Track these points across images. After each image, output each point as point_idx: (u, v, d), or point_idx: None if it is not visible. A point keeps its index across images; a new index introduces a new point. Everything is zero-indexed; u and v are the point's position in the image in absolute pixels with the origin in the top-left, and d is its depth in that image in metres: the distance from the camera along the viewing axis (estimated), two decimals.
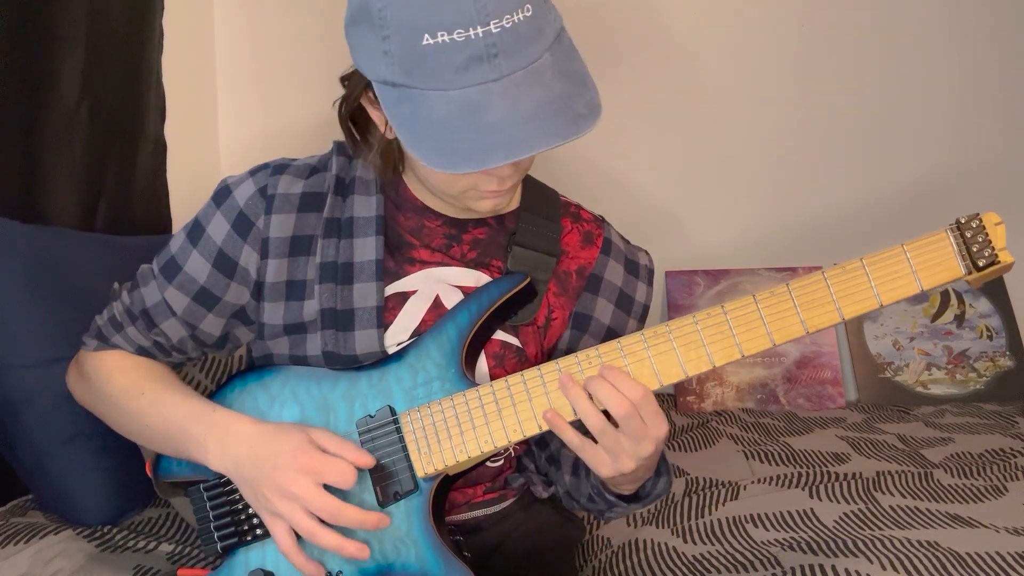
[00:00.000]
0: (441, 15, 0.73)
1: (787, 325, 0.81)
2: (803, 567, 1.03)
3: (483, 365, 0.94)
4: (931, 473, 1.43)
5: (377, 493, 0.86)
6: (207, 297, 0.94)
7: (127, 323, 0.96)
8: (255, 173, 0.94)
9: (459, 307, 0.90)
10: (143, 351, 0.97)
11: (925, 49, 2.04)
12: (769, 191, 2.09)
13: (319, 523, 0.81)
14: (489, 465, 1.00)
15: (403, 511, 0.86)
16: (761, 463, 1.52)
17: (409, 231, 0.96)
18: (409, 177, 0.96)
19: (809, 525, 1.22)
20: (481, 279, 0.96)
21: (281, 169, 0.94)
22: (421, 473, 0.86)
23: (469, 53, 0.74)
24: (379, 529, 0.85)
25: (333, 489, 0.82)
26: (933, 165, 2.06)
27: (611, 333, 0.99)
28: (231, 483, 0.89)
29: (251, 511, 0.89)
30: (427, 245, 0.96)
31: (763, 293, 0.81)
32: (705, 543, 1.20)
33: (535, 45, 0.77)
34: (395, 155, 0.93)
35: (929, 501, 1.30)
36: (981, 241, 0.78)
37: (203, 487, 0.90)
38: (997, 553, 1.04)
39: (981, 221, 0.79)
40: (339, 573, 0.86)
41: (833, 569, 1.02)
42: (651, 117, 2.01)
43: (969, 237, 0.79)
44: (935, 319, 2.03)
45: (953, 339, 2.01)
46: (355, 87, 0.87)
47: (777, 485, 1.40)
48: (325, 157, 0.98)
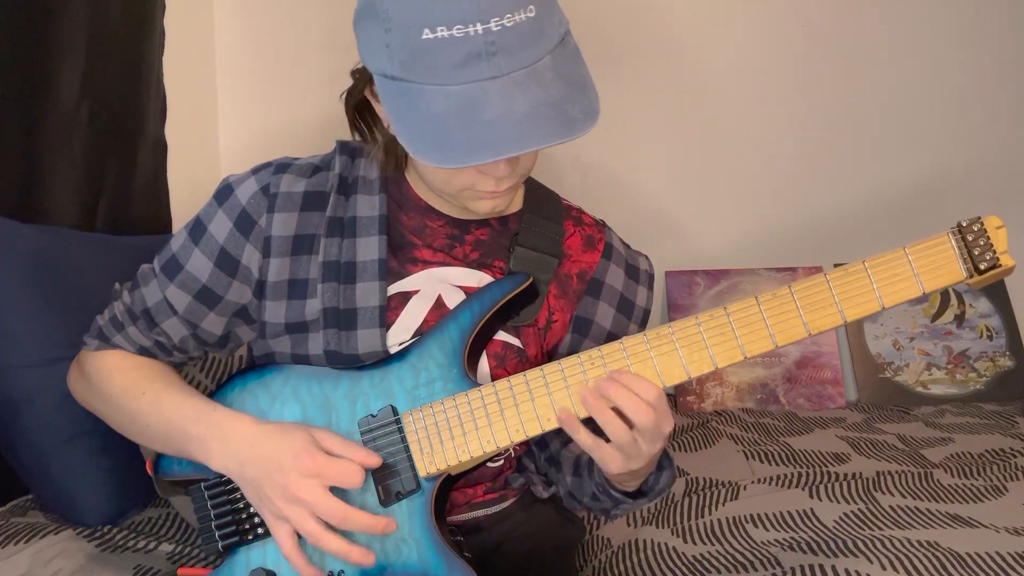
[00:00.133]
0: (441, 10, 0.74)
1: (789, 327, 0.81)
2: (803, 567, 1.03)
3: (484, 365, 0.94)
4: (931, 473, 1.43)
5: (379, 492, 0.86)
6: (209, 296, 0.94)
7: (128, 323, 0.96)
8: (258, 172, 0.94)
9: (461, 307, 0.90)
10: (144, 351, 0.97)
11: (925, 50, 2.04)
12: (769, 191, 2.09)
13: (325, 528, 0.80)
14: (489, 465, 1.00)
15: (405, 511, 0.86)
16: (761, 463, 1.52)
17: (412, 231, 0.96)
18: (412, 176, 0.97)
19: (809, 525, 1.22)
20: (483, 279, 0.96)
21: (284, 168, 0.94)
22: (423, 473, 0.86)
23: (468, 50, 0.74)
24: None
25: (338, 491, 0.82)
26: (934, 165, 2.07)
27: (612, 337, 0.99)
28: (231, 482, 0.89)
29: (252, 510, 0.89)
30: (429, 245, 0.96)
31: (765, 295, 0.82)
32: (705, 543, 1.20)
33: (536, 46, 0.76)
34: (398, 150, 0.93)
35: (929, 501, 1.30)
36: (982, 245, 0.78)
37: (204, 486, 0.90)
38: (997, 553, 1.04)
39: (983, 225, 0.79)
40: (340, 573, 0.86)
41: (833, 569, 1.02)
42: (651, 117, 2.01)
43: (971, 240, 0.79)
44: (935, 319, 2.03)
45: (953, 339, 2.01)
46: (360, 80, 0.88)
47: (777, 485, 1.40)
48: (328, 156, 0.98)
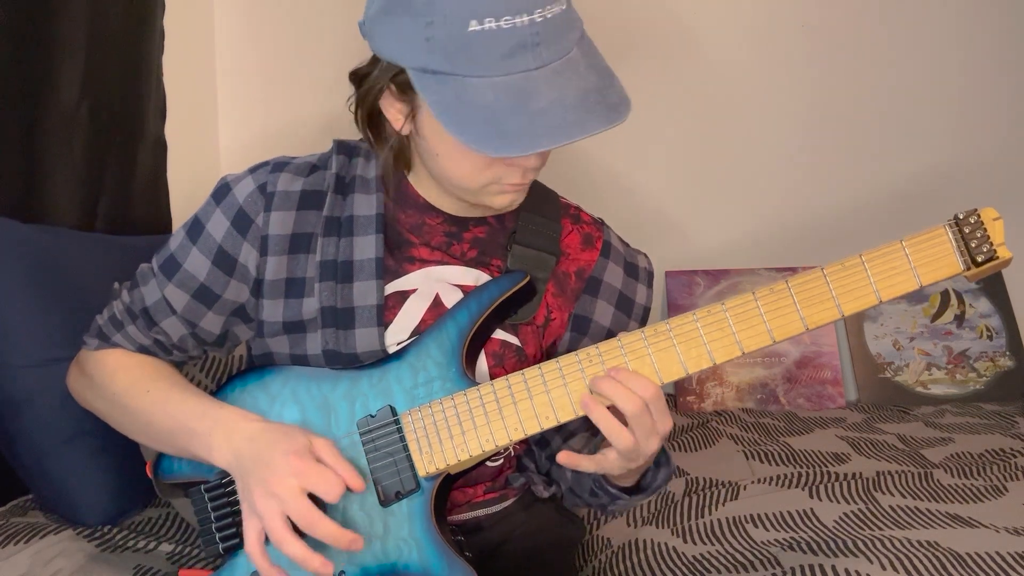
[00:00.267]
0: (490, 2, 0.75)
1: (787, 322, 0.81)
2: (803, 567, 1.03)
3: (483, 364, 0.94)
4: (931, 473, 1.43)
5: (379, 492, 0.86)
6: (207, 294, 0.94)
7: (127, 322, 0.96)
8: (255, 171, 0.94)
9: (459, 306, 0.90)
10: (144, 350, 0.97)
11: (925, 50, 2.04)
12: (769, 191, 2.09)
13: (290, 530, 0.78)
14: (489, 465, 1.00)
15: (405, 511, 0.86)
16: (761, 463, 1.52)
17: (409, 229, 0.96)
18: (415, 175, 0.96)
19: (809, 525, 1.22)
20: (480, 278, 0.96)
21: (281, 167, 0.94)
22: (423, 472, 0.86)
23: (515, 40, 0.76)
24: (379, 528, 0.85)
25: (332, 509, 0.81)
26: (934, 165, 2.06)
27: (611, 335, 0.98)
28: (232, 483, 0.88)
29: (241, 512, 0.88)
30: (427, 243, 0.96)
31: (762, 290, 0.81)
32: (705, 543, 1.20)
33: (568, 37, 0.80)
34: (409, 151, 0.93)
35: (929, 501, 1.30)
36: (979, 237, 0.78)
37: (204, 488, 0.90)
38: (997, 553, 1.04)
39: (979, 217, 0.79)
40: (341, 573, 0.86)
41: (833, 569, 1.02)
42: (652, 117, 2.00)
43: (967, 233, 0.79)
44: (935, 319, 2.03)
45: (953, 339, 2.01)
46: (379, 79, 0.86)
47: (777, 485, 1.40)
48: (325, 156, 0.98)
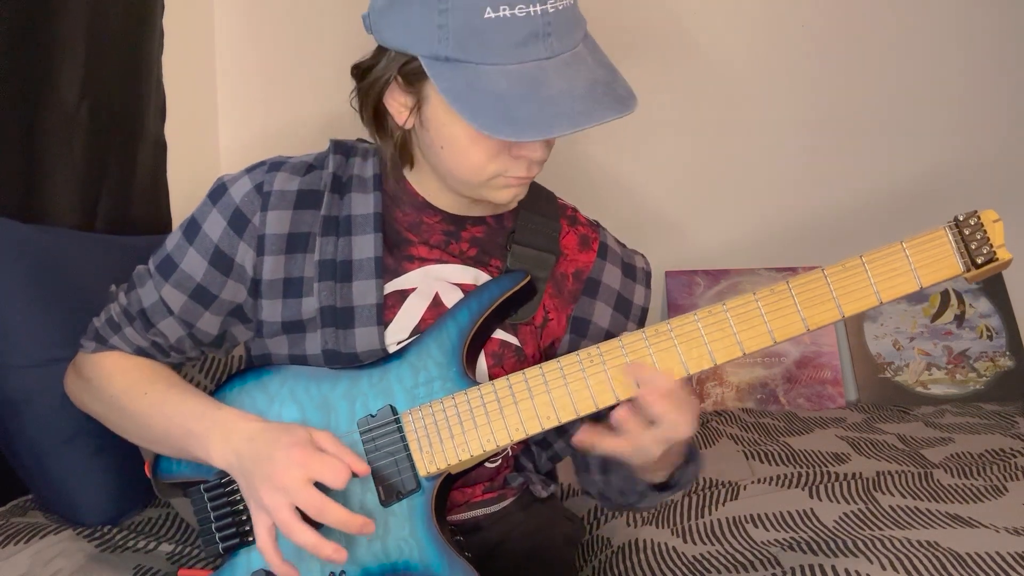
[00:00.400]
0: None
1: (788, 323, 0.81)
2: (803, 567, 1.03)
3: (482, 364, 0.94)
4: (931, 473, 1.43)
5: (379, 492, 0.86)
6: (204, 295, 0.94)
7: (125, 324, 0.96)
8: (251, 170, 0.94)
9: (459, 305, 0.90)
10: (141, 351, 0.97)
11: (925, 50, 2.04)
12: (769, 191, 2.09)
13: (300, 519, 0.79)
14: (487, 466, 1.00)
15: (405, 510, 0.86)
16: (761, 463, 1.52)
17: (408, 227, 0.96)
18: (414, 172, 0.96)
19: (809, 525, 1.22)
20: (479, 277, 0.96)
21: (277, 166, 0.94)
22: (423, 472, 0.86)
23: (529, 29, 0.77)
24: (379, 528, 0.85)
25: (338, 494, 0.81)
26: (933, 164, 2.06)
27: (610, 337, 0.98)
28: (232, 483, 0.88)
29: (249, 511, 0.88)
30: (426, 241, 0.96)
31: (763, 291, 0.81)
32: (705, 543, 1.20)
33: (576, 32, 0.82)
34: (411, 146, 0.93)
35: (929, 501, 1.30)
36: (979, 238, 0.79)
37: (203, 488, 0.89)
38: (997, 553, 1.04)
39: (979, 218, 0.79)
40: (342, 574, 0.85)
41: (833, 569, 1.02)
42: (652, 117, 1.99)
43: (967, 234, 0.79)
44: (935, 319, 2.03)
45: (953, 339, 2.01)
46: (386, 70, 0.86)
47: (777, 485, 1.40)
48: (321, 155, 0.98)
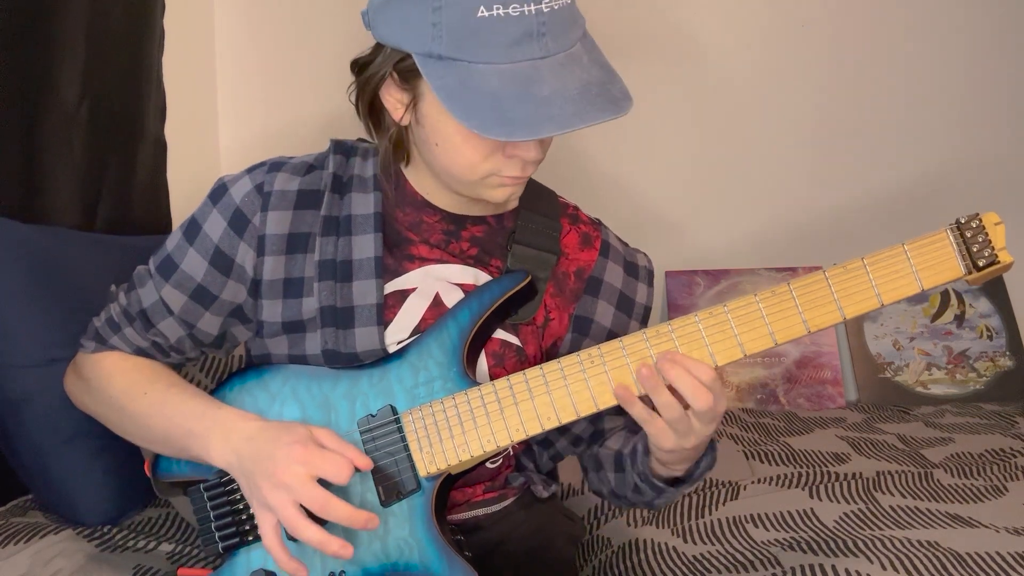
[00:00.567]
0: None
1: (789, 324, 0.81)
2: (803, 567, 1.03)
3: (483, 364, 0.94)
4: (931, 473, 1.43)
5: (379, 492, 0.86)
6: (204, 295, 0.93)
7: (124, 324, 0.96)
8: (252, 171, 0.94)
9: (460, 305, 0.90)
10: (141, 352, 0.97)
11: (925, 50, 2.04)
12: (769, 191, 2.09)
13: (304, 516, 0.79)
14: (488, 466, 1.00)
15: (406, 510, 0.86)
16: (761, 463, 1.52)
17: (408, 227, 0.96)
18: (413, 170, 0.96)
19: (809, 525, 1.22)
20: (480, 277, 0.96)
21: (278, 166, 0.94)
22: (423, 472, 0.86)
23: (523, 29, 0.77)
24: (379, 528, 0.85)
25: (339, 492, 0.81)
26: (933, 165, 2.06)
27: (612, 336, 0.98)
28: (231, 483, 0.89)
29: (252, 511, 0.88)
30: (426, 241, 0.96)
31: (764, 292, 0.81)
32: (705, 543, 1.20)
33: (572, 32, 0.81)
34: (407, 143, 0.93)
35: (929, 501, 1.30)
36: (981, 241, 0.79)
37: (203, 487, 0.89)
38: (997, 553, 1.04)
39: (981, 221, 0.79)
40: (342, 573, 0.85)
41: (833, 569, 1.02)
42: (652, 117, 2.00)
43: (969, 237, 0.79)
44: (935, 319, 2.03)
45: (953, 339, 2.01)
46: (381, 66, 0.86)
47: (777, 485, 1.40)
48: (322, 155, 0.98)
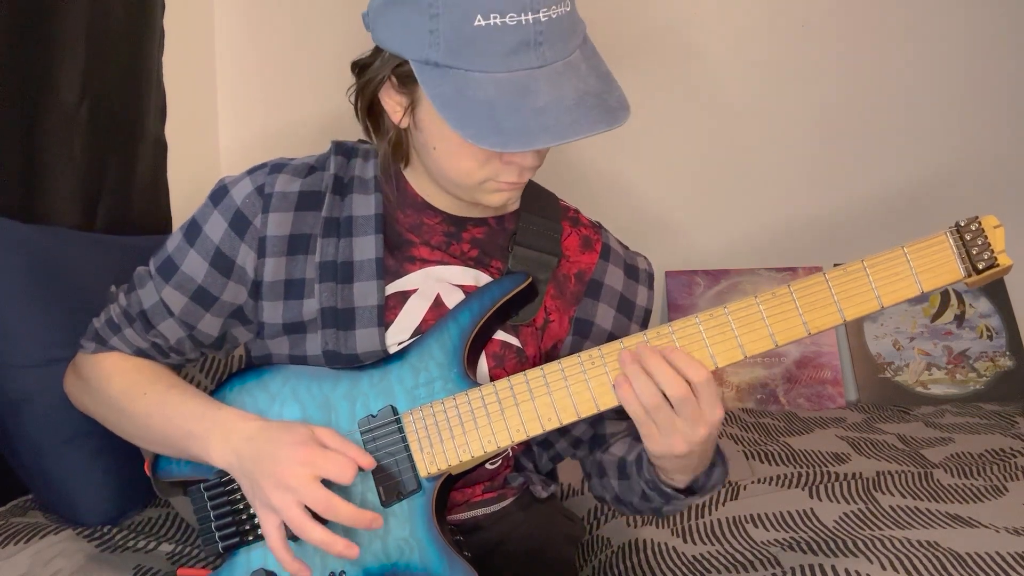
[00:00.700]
0: None
1: (789, 326, 0.81)
2: (803, 567, 1.03)
3: (483, 365, 0.94)
4: (931, 473, 1.43)
5: (380, 493, 0.86)
6: (204, 296, 0.93)
7: (124, 325, 0.96)
8: (253, 172, 0.94)
9: (461, 306, 0.90)
10: (141, 352, 0.97)
11: (924, 49, 2.04)
12: (769, 191, 2.09)
13: (310, 517, 0.79)
14: (487, 466, 1.00)
15: (406, 511, 0.86)
16: (761, 463, 1.52)
17: (409, 228, 0.96)
18: (413, 172, 0.96)
19: (809, 525, 1.22)
20: (480, 278, 0.96)
21: (279, 168, 0.94)
22: (424, 473, 0.86)
23: (519, 38, 0.77)
24: (379, 529, 0.85)
25: (339, 492, 0.81)
26: (933, 165, 2.07)
27: (613, 339, 0.98)
28: (231, 482, 0.89)
29: (252, 510, 0.88)
30: (427, 242, 0.96)
31: (764, 294, 0.82)
32: (705, 543, 1.20)
33: (571, 40, 0.81)
34: (405, 145, 0.93)
35: (929, 501, 1.30)
36: (980, 244, 0.79)
37: (203, 487, 0.90)
38: (997, 553, 1.04)
39: (980, 224, 0.79)
40: (342, 573, 0.86)
41: (833, 569, 1.02)
42: (652, 117, 2.00)
43: (968, 240, 0.79)
44: (935, 319, 2.03)
45: (953, 339, 2.01)
46: (380, 70, 0.86)
47: (777, 485, 1.40)
48: (323, 157, 0.98)
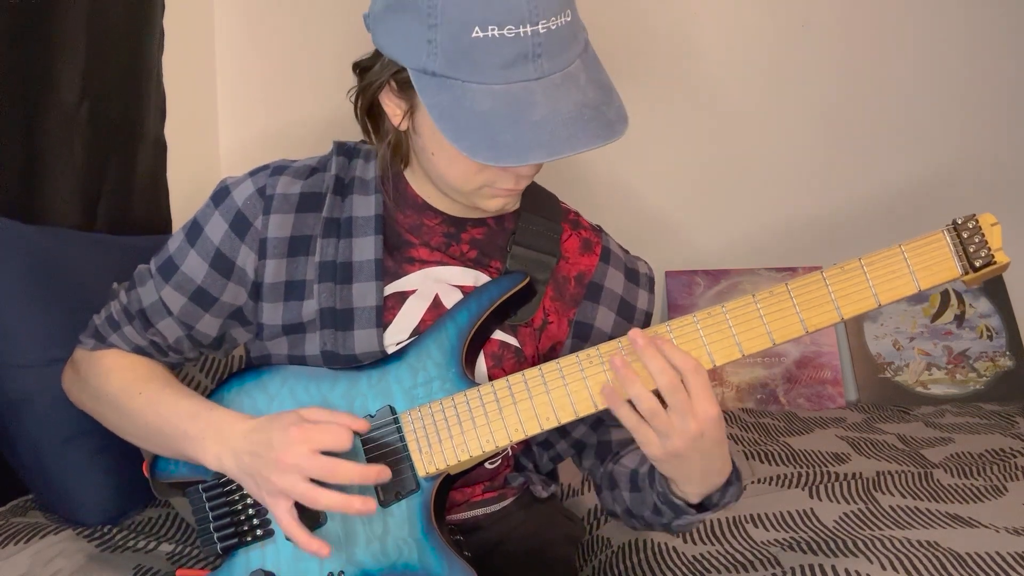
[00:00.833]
0: (495, 10, 0.75)
1: (787, 325, 0.81)
2: (803, 567, 1.03)
3: (481, 365, 0.94)
4: (931, 473, 1.43)
5: (379, 493, 0.86)
6: (204, 297, 0.94)
7: (124, 322, 0.96)
8: (255, 174, 0.94)
9: (459, 306, 0.90)
10: (140, 350, 0.97)
11: (923, 49, 2.04)
12: (769, 191, 2.09)
13: (317, 486, 0.79)
14: (487, 466, 1.00)
15: (405, 511, 0.86)
16: (761, 463, 1.52)
17: (408, 229, 0.96)
18: (413, 173, 0.96)
19: (809, 525, 1.22)
20: (479, 279, 0.96)
21: (281, 170, 0.94)
22: (423, 472, 0.86)
23: (517, 50, 0.76)
24: (378, 529, 0.86)
25: (336, 488, 0.81)
26: (932, 165, 2.07)
27: None
28: (229, 483, 0.89)
29: (251, 511, 0.89)
30: (426, 243, 0.96)
31: (762, 293, 0.82)
32: (705, 543, 1.20)
33: (571, 50, 0.80)
34: (405, 147, 0.93)
35: (929, 501, 1.30)
36: (978, 242, 0.78)
37: (201, 488, 0.90)
38: (997, 553, 1.04)
39: (977, 222, 0.79)
40: (341, 573, 0.86)
41: (833, 569, 1.02)
42: (652, 118, 2.01)
43: (966, 238, 0.79)
44: (935, 319, 2.03)
45: (953, 339, 2.01)
46: (380, 74, 0.86)
47: (777, 485, 1.40)
48: (324, 158, 0.98)
